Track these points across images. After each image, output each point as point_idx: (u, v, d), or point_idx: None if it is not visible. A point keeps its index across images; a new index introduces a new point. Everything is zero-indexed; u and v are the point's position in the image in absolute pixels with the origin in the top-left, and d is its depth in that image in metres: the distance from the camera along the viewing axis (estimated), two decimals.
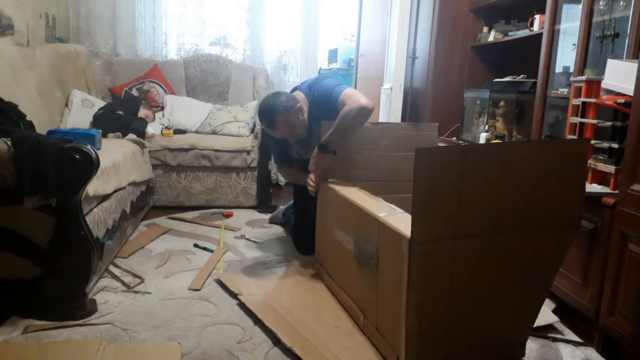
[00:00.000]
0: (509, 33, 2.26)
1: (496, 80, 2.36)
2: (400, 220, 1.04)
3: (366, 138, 1.59)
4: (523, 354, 1.16)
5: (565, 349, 1.23)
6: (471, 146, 1.16)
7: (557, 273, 1.12)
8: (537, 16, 1.97)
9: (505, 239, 0.98)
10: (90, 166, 1.23)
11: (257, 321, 1.29)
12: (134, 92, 2.69)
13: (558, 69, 1.77)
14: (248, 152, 2.40)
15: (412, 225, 0.91)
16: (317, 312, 1.35)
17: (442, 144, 2.28)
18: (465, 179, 0.91)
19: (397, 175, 1.59)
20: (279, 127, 1.63)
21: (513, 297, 1.06)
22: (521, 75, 2.17)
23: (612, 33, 1.44)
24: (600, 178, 1.34)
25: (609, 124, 1.31)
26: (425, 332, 1.00)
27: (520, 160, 0.95)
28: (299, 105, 1.65)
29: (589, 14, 1.53)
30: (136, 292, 1.45)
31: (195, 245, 1.87)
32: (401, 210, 1.14)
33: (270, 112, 1.61)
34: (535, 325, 1.30)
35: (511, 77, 2.24)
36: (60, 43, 2.66)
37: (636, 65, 1.15)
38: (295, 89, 1.79)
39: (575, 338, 1.29)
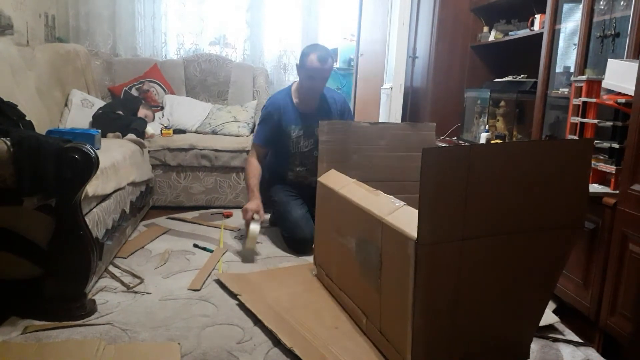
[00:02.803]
0: (510, 33, 2.26)
1: (497, 80, 2.36)
2: (404, 219, 1.03)
3: (363, 138, 1.59)
4: (528, 356, 1.15)
5: (565, 349, 1.23)
6: (477, 146, 1.16)
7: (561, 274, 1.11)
8: (537, 16, 1.97)
9: (511, 239, 0.98)
10: (89, 166, 1.22)
11: (257, 321, 1.29)
12: (134, 92, 2.69)
13: (559, 68, 1.77)
14: (248, 152, 2.40)
15: (418, 226, 0.91)
16: (317, 313, 1.34)
17: (441, 144, 2.27)
18: (471, 179, 0.91)
19: (395, 176, 1.59)
20: (328, 67, 1.84)
21: (518, 298, 1.06)
22: (522, 75, 2.17)
23: (613, 33, 1.44)
24: (601, 178, 1.33)
25: (609, 123, 1.31)
26: (431, 334, 1.00)
27: (524, 160, 0.95)
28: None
29: (590, 13, 1.53)
30: (136, 292, 1.44)
31: (195, 246, 1.87)
32: (402, 203, 1.13)
33: (331, 57, 1.85)
34: None
35: (511, 76, 2.24)
36: (60, 43, 2.66)
37: (637, 65, 1.15)
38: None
39: (576, 338, 1.29)
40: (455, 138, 2.53)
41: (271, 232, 2.09)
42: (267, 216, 2.28)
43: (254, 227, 1.73)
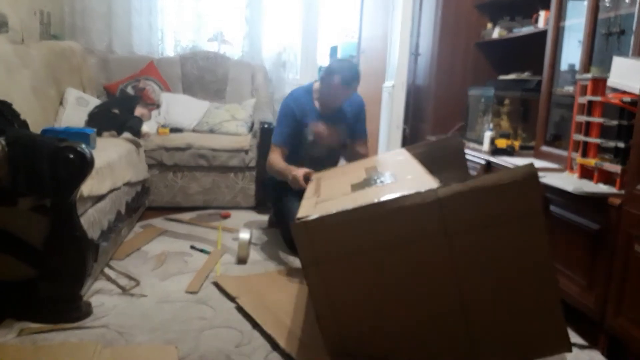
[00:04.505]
0: (514, 30, 2.24)
1: (501, 77, 2.34)
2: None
3: None
4: None
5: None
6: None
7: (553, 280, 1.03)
8: (542, 12, 1.95)
9: None
10: (84, 166, 1.21)
11: (255, 325, 1.27)
12: (130, 90, 2.66)
13: (563, 66, 1.75)
14: (246, 152, 2.37)
15: None
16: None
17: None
18: None
19: None
20: (352, 91, 1.82)
21: None
22: (526, 73, 2.15)
23: (618, 30, 1.42)
24: (606, 178, 1.32)
25: (615, 122, 1.29)
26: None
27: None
28: None
29: (595, 10, 1.51)
30: (132, 294, 1.43)
31: (192, 247, 1.85)
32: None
33: (356, 80, 1.81)
34: None
35: (516, 74, 2.21)
36: (55, 40, 2.63)
37: None
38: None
39: (580, 341, 1.27)
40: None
41: (271, 234, 2.07)
42: (266, 217, 2.26)
43: (244, 236, 1.72)
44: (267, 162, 1.88)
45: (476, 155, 1.98)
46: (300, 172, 1.69)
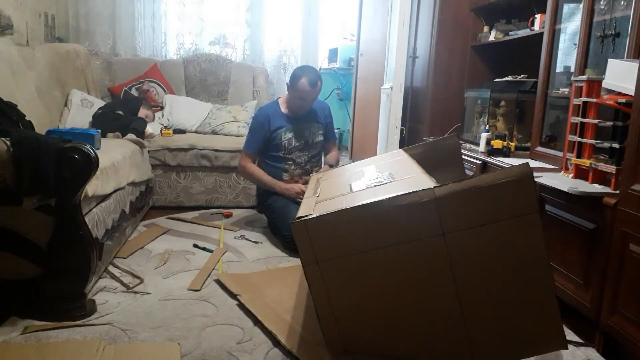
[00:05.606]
0: (510, 32, 2.26)
1: (497, 79, 2.36)
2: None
3: None
4: None
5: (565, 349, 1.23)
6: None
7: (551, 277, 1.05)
8: (537, 16, 1.97)
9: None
10: (89, 166, 1.22)
11: (257, 322, 1.29)
12: (134, 92, 2.69)
13: (559, 68, 1.76)
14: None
15: None
16: None
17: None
18: None
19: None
20: (318, 90, 1.99)
21: None
22: (522, 75, 2.17)
23: (613, 33, 1.44)
24: (601, 178, 1.33)
25: (609, 123, 1.31)
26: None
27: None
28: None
29: (590, 13, 1.53)
30: (135, 292, 1.44)
31: (195, 246, 1.87)
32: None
33: (320, 79, 2.00)
34: None
35: (512, 76, 2.23)
36: (60, 43, 2.66)
37: (637, 65, 1.15)
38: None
39: (576, 338, 1.29)
40: None
41: (270, 233, 2.09)
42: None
43: None
44: (240, 167, 2.10)
45: (473, 155, 2.00)
46: (293, 186, 1.96)
